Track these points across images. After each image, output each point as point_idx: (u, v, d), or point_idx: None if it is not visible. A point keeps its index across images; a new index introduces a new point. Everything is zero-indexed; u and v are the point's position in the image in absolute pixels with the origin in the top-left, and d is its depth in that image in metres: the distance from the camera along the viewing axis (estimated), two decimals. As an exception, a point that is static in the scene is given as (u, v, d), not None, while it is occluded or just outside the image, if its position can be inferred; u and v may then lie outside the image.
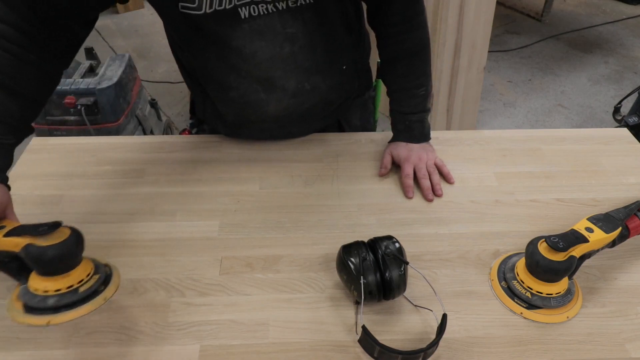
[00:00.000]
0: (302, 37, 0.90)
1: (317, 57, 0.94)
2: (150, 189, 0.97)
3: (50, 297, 0.64)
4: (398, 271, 0.69)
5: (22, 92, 0.76)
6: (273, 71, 0.92)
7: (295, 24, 0.88)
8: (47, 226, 0.62)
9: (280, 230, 0.88)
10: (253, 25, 0.86)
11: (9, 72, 0.73)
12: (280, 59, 0.91)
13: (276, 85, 0.94)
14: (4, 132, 0.74)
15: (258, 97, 0.96)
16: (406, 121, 1.02)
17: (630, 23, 3.83)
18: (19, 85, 0.75)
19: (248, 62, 0.90)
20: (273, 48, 0.90)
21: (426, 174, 0.97)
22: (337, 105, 1.07)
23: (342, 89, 1.04)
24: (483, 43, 2.21)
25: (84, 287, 0.66)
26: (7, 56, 0.73)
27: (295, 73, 0.94)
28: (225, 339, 0.70)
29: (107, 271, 0.71)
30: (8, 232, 0.62)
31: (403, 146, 1.02)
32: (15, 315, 0.65)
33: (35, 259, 0.62)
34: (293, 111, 1.00)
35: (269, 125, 1.04)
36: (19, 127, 0.77)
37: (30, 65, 0.75)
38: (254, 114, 0.99)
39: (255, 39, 0.88)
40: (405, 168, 0.98)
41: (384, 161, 1.01)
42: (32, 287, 0.65)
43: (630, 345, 0.70)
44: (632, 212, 0.78)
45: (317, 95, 0.99)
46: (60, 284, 0.64)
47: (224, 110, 1.02)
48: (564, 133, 1.13)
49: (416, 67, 0.99)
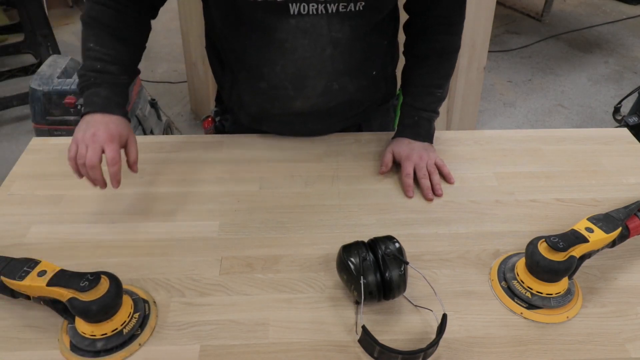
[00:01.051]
0: (345, 42, 0.91)
1: (352, 61, 0.95)
2: (151, 189, 0.97)
3: (98, 341, 0.67)
4: (398, 271, 0.69)
5: (127, 38, 0.92)
6: (308, 70, 0.93)
7: (343, 29, 0.89)
8: (88, 281, 0.64)
9: (280, 230, 0.88)
10: (300, 22, 0.87)
11: (114, 24, 0.90)
12: (319, 60, 0.92)
13: (307, 84, 0.95)
14: (119, 72, 0.90)
15: (286, 93, 0.96)
16: (416, 116, 1.02)
17: (630, 23, 3.83)
18: (124, 33, 0.91)
19: (286, 57, 0.91)
20: (315, 48, 0.90)
21: (426, 173, 0.97)
22: (362, 108, 1.07)
23: (369, 92, 1.05)
24: (483, 43, 2.21)
25: (127, 328, 0.69)
26: (111, 12, 0.89)
27: (329, 74, 0.95)
28: (225, 339, 0.70)
29: (145, 308, 0.73)
30: (50, 281, 0.65)
31: (405, 144, 1.01)
32: (63, 349, 0.68)
33: (80, 313, 0.65)
34: (318, 109, 1.00)
35: (292, 120, 1.05)
36: (130, 68, 0.94)
37: (130, 17, 0.91)
38: (280, 107, 1.00)
39: (299, 36, 0.89)
40: (405, 167, 0.98)
41: (385, 159, 1.01)
42: (80, 329, 0.68)
43: (630, 345, 0.70)
44: (632, 212, 0.78)
45: (344, 96, 1.00)
46: (105, 329, 0.67)
47: (251, 100, 1.02)
48: (564, 133, 1.13)
49: (441, 68, 1.01)
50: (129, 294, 0.72)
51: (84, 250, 0.83)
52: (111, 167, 0.81)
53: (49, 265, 0.67)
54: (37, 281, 0.65)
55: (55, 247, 0.84)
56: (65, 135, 1.85)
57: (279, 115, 1.03)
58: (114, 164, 0.81)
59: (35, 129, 1.91)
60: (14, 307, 0.74)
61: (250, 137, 1.11)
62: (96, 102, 0.86)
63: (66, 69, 1.96)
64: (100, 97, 0.87)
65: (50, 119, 1.88)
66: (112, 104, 0.87)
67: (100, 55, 0.88)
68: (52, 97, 1.84)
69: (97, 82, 0.87)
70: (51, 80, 1.87)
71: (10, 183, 0.98)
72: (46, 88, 1.84)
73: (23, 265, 0.67)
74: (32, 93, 1.85)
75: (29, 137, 1.17)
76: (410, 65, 1.04)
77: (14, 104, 2.63)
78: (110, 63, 0.88)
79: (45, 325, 0.71)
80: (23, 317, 0.73)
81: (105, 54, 0.88)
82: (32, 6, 2.52)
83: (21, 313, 0.73)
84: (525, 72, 3.25)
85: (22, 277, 0.66)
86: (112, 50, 0.89)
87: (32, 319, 0.72)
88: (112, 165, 0.81)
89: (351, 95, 1.01)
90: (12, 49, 2.65)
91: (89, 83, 0.88)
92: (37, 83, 1.86)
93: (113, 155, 0.81)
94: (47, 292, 0.65)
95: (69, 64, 2.00)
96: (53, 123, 1.89)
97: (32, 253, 0.78)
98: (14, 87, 2.72)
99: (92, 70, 0.87)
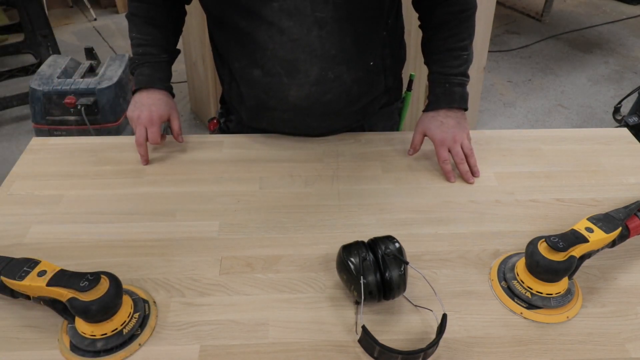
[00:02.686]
0: (331, 22, 0.91)
1: (344, 46, 0.95)
2: (150, 189, 0.97)
3: (98, 341, 0.67)
4: (398, 271, 0.69)
5: (161, 24, 1.05)
6: (298, 53, 0.93)
7: (326, 8, 0.89)
8: (88, 281, 0.64)
9: (280, 230, 0.88)
10: (283, 5, 0.89)
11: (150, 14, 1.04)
12: (307, 42, 0.92)
13: (299, 69, 0.95)
14: (158, 52, 1.05)
15: (280, 80, 0.97)
16: (447, 83, 1.01)
17: (630, 23, 3.83)
18: (158, 21, 1.05)
19: (274, 40, 0.92)
20: (300, 29, 0.91)
21: (463, 157, 0.98)
22: (361, 106, 1.06)
23: (367, 84, 1.03)
24: (483, 43, 2.21)
25: (127, 328, 0.69)
26: (146, 5, 1.03)
27: (320, 59, 0.94)
28: (225, 339, 0.70)
29: (145, 308, 0.72)
30: (50, 281, 0.65)
31: (438, 124, 1.00)
32: (63, 349, 0.68)
33: (79, 313, 0.65)
34: (315, 101, 0.99)
35: (290, 115, 1.04)
36: (168, 48, 1.07)
37: (161, 7, 1.04)
38: (275, 97, 1.00)
39: (284, 18, 0.90)
40: (441, 154, 0.99)
41: (415, 141, 1.03)
42: (80, 329, 0.68)
43: (630, 345, 0.70)
44: (632, 212, 0.78)
45: (340, 87, 0.99)
46: (105, 329, 0.67)
47: (248, 91, 1.03)
48: (564, 133, 1.13)
49: (464, 29, 1.01)
50: (129, 294, 0.73)
51: (84, 250, 0.83)
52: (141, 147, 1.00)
53: (49, 265, 0.67)
54: (37, 281, 0.65)
55: (55, 247, 0.84)
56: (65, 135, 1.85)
57: (276, 109, 1.03)
58: (152, 143, 1.01)
59: (35, 129, 1.91)
60: (14, 307, 0.74)
61: (250, 137, 1.11)
62: (141, 80, 1.03)
63: (66, 69, 1.96)
64: (144, 75, 1.03)
65: (50, 119, 1.88)
66: (154, 80, 1.03)
67: (141, 41, 1.04)
68: (52, 97, 1.84)
69: (141, 63, 1.04)
70: (51, 80, 1.87)
71: (10, 183, 0.98)
72: (46, 88, 1.84)
73: (23, 265, 0.67)
74: (32, 93, 1.86)
75: (29, 137, 1.17)
76: (430, 34, 1.04)
77: (14, 104, 2.63)
78: (150, 45, 1.04)
79: (45, 325, 0.71)
80: (23, 317, 0.73)
81: (144, 40, 1.04)
82: (32, 6, 2.52)
83: (21, 313, 0.73)
84: (525, 72, 3.25)
85: (22, 277, 0.66)
86: (150, 36, 1.04)
87: (32, 319, 0.72)
88: (152, 143, 1.01)
89: (347, 87, 1.00)
90: (12, 49, 2.65)
91: (135, 65, 1.04)
92: (37, 83, 1.86)
93: (152, 137, 1.00)
94: (47, 292, 0.65)
95: (69, 64, 2.00)
96: (53, 123, 1.89)
97: (32, 253, 0.78)
98: (14, 87, 2.72)
99: (136, 54, 1.04)
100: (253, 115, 1.08)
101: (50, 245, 0.84)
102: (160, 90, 1.04)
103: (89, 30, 3.78)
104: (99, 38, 3.64)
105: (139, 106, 1.01)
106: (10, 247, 0.84)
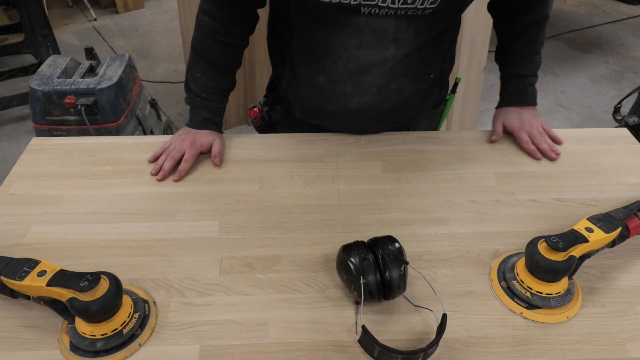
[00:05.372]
0: (408, 44, 0.93)
1: (412, 62, 0.96)
2: (150, 189, 0.97)
3: (98, 341, 0.67)
4: (398, 271, 0.69)
5: (229, 67, 1.07)
6: (369, 68, 0.94)
7: (408, 31, 0.91)
8: (88, 281, 0.64)
9: (280, 230, 0.88)
10: (369, 21, 0.89)
11: (221, 60, 1.04)
12: (381, 59, 0.93)
13: (365, 81, 0.96)
14: (219, 99, 1.08)
15: (344, 89, 0.98)
16: (521, 84, 1.10)
17: (630, 23, 3.83)
18: (227, 66, 1.06)
19: (350, 52, 0.93)
20: (379, 47, 0.92)
21: (541, 139, 1.06)
22: (414, 112, 1.09)
23: (424, 95, 1.06)
24: (483, 43, 2.21)
25: (127, 328, 0.69)
26: (219, 47, 1.02)
27: (388, 73, 0.96)
28: (225, 339, 0.70)
29: (145, 308, 0.73)
30: (50, 281, 0.65)
31: (514, 115, 1.10)
32: (63, 349, 0.69)
33: (79, 313, 0.65)
34: (373, 108, 1.01)
35: (345, 117, 1.06)
36: (228, 92, 1.10)
37: (234, 47, 1.04)
38: (335, 103, 1.01)
39: (366, 33, 0.90)
40: (522, 136, 1.07)
41: (497, 129, 1.10)
42: (80, 329, 0.68)
43: (630, 345, 0.70)
44: (632, 212, 0.78)
45: (399, 97, 1.01)
46: (105, 329, 0.67)
47: (307, 94, 1.04)
48: (564, 133, 1.13)
49: (538, 36, 1.08)
50: (129, 294, 0.73)
51: (84, 250, 0.83)
52: (182, 164, 1.00)
53: (49, 265, 0.67)
54: (37, 281, 0.65)
55: (55, 247, 0.84)
56: (65, 135, 1.85)
57: (333, 112, 1.04)
58: (185, 163, 1.00)
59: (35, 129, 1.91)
60: (14, 307, 0.74)
61: (250, 137, 1.11)
62: (196, 120, 1.07)
63: (66, 69, 1.96)
64: (201, 117, 1.06)
65: (50, 119, 1.87)
66: (210, 123, 1.07)
67: (205, 86, 1.05)
68: (52, 97, 1.84)
69: (201, 106, 1.06)
70: (51, 80, 1.87)
71: (10, 183, 0.98)
72: (46, 88, 1.84)
73: (23, 265, 0.67)
74: (32, 93, 1.85)
75: (29, 137, 1.17)
76: (509, 40, 1.10)
77: (14, 104, 2.63)
78: (213, 93, 1.06)
79: (45, 325, 0.71)
80: (23, 317, 0.73)
81: (209, 86, 1.05)
82: (32, 6, 2.52)
83: (21, 313, 0.73)
84: (525, 72, 3.25)
85: (22, 277, 0.66)
86: (216, 83, 1.06)
87: (32, 319, 0.72)
88: (184, 162, 1.00)
89: (406, 98, 1.02)
90: (12, 49, 2.65)
91: (195, 104, 1.07)
92: (37, 83, 1.86)
93: (187, 157, 1.01)
94: (47, 292, 0.65)
95: (69, 64, 1.99)
96: (53, 123, 1.88)
97: (32, 253, 0.78)
98: (14, 87, 2.72)
99: (198, 97, 1.06)
100: (307, 113, 1.10)
101: (50, 245, 0.84)
102: (212, 131, 1.07)
103: (89, 30, 3.78)
104: (99, 38, 3.64)
105: (187, 134, 1.05)
106: (10, 247, 0.84)
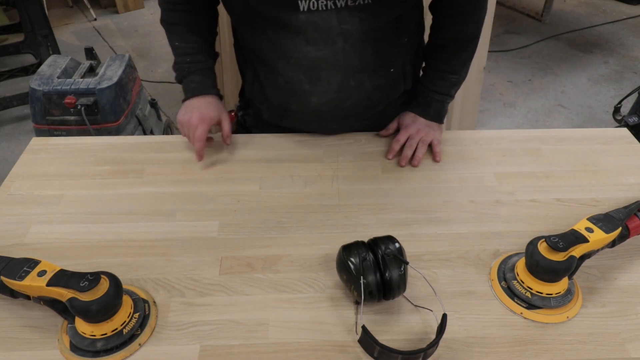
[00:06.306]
0: (356, 35, 0.92)
1: (366, 55, 0.96)
2: (150, 189, 0.97)
3: (98, 341, 0.67)
4: (398, 271, 0.69)
5: (203, 32, 1.08)
6: (321, 63, 0.94)
7: (352, 21, 0.90)
8: (88, 281, 0.64)
9: (280, 230, 0.88)
10: (310, 17, 0.89)
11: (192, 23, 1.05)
12: (331, 53, 0.93)
13: (321, 77, 0.96)
14: (205, 59, 1.07)
15: (302, 87, 0.98)
16: (428, 97, 1.08)
17: (630, 23, 3.83)
18: (200, 29, 1.07)
19: (298, 51, 0.93)
20: (326, 41, 0.92)
21: (413, 146, 1.04)
22: (381, 108, 1.08)
23: (387, 91, 1.06)
24: (483, 43, 2.21)
25: (127, 328, 0.69)
26: (187, 15, 1.05)
27: (343, 69, 0.95)
28: (225, 339, 0.70)
29: (145, 308, 0.73)
30: (50, 281, 0.65)
31: (412, 117, 1.08)
32: (63, 349, 0.69)
33: (79, 313, 0.65)
34: (335, 106, 1.01)
35: (311, 119, 1.06)
36: (211, 53, 1.10)
37: (201, 15, 1.06)
38: (297, 102, 1.01)
39: (310, 29, 0.90)
40: (400, 134, 1.06)
41: (390, 125, 1.10)
42: (80, 329, 0.68)
43: (630, 345, 0.70)
44: (632, 212, 0.78)
45: (361, 94, 1.00)
46: (105, 329, 0.67)
47: (270, 94, 1.04)
48: (564, 133, 1.13)
49: (457, 57, 1.05)
50: (129, 294, 0.73)
51: (84, 250, 0.83)
52: (197, 144, 1.00)
53: (49, 265, 0.67)
54: (37, 281, 0.65)
55: (55, 247, 0.84)
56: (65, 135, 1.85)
57: (297, 112, 1.04)
58: (199, 141, 1.00)
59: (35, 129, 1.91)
60: (14, 307, 0.74)
61: (250, 137, 1.11)
62: (193, 88, 1.05)
63: (66, 69, 1.96)
64: (195, 82, 1.05)
65: (50, 119, 1.87)
66: (206, 86, 1.05)
67: (186, 49, 1.05)
68: (52, 97, 1.84)
69: (191, 70, 1.05)
70: (51, 80, 1.87)
71: (10, 183, 0.98)
72: (46, 88, 1.83)
73: (23, 265, 0.67)
74: (32, 93, 1.85)
75: (29, 137, 1.17)
76: (429, 50, 1.08)
77: (14, 104, 2.63)
78: (196, 53, 1.06)
79: (45, 325, 0.71)
80: (23, 317, 0.73)
81: (190, 48, 1.05)
82: (32, 6, 2.52)
83: (21, 313, 0.73)
84: (525, 72, 3.25)
85: (22, 277, 0.66)
86: (195, 44, 1.06)
87: (32, 319, 0.72)
88: (198, 142, 1.00)
89: (368, 94, 1.01)
90: (12, 49, 2.65)
91: (185, 72, 1.05)
92: (37, 83, 1.86)
93: (199, 134, 0.99)
94: (47, 292, 0.65)
95: (68, 64, 1.99)
96: (53, 123, 1.88)
97: (32, 253, 0.78)
98: (14, 87, 2.72)
99: (184, 63, 1.05)
100: (274, 115, 1.10)
101: (50, 245, 0.84)
102: (212, 95, 1.05)
103: (89, 30, 3.78)
104: (99, 38, 3.64)
105: (189, 109, 1.02)
106: (10, 247, 0.84)
